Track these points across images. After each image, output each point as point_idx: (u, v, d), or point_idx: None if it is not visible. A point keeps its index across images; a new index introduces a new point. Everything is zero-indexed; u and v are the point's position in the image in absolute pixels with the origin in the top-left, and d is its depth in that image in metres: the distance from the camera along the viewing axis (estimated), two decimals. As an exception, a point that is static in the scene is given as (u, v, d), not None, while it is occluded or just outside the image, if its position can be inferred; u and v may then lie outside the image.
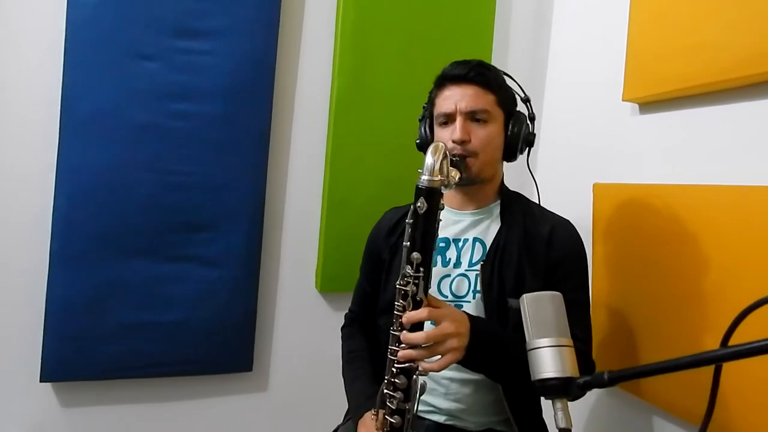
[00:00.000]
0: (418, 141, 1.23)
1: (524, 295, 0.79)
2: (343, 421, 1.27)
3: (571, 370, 0.72)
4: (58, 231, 1.38)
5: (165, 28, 1.42)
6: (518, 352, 0.79)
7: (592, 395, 1.46)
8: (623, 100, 1.40)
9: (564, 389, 0.71)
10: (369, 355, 1.23)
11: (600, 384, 0.67)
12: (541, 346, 0.74)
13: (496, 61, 1.63)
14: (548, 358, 0.73)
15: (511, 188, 1.24)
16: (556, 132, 1.64)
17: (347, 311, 1.37)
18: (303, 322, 1.68)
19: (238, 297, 1.55)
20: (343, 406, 1.29)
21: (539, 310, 0.77)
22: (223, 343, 1.55)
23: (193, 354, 1.52)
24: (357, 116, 1.63)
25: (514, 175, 1.29)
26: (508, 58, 1.83)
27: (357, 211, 1.62)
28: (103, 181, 1.40)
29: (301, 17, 1.63)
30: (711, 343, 1.09)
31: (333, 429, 1.26)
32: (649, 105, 1.38)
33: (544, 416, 1.17)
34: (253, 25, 1.51)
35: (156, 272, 1.46)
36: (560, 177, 1.58)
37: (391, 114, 1.65)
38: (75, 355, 1.40)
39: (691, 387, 1.10)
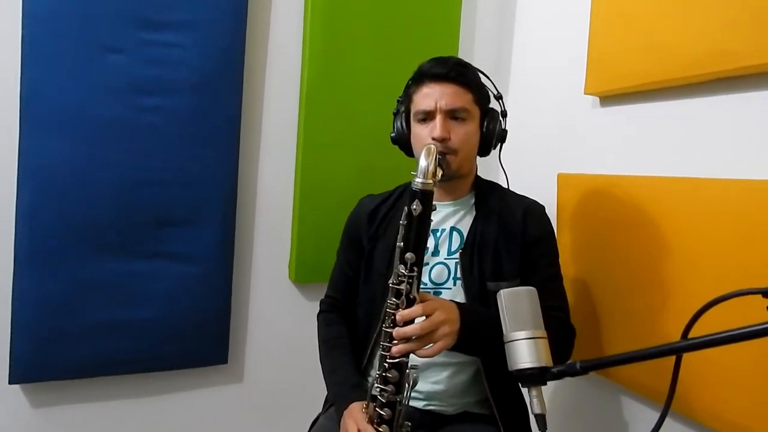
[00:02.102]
0: (393, 135, 1.24)
1: (501, 291, 0.83)
2: (324, 409, 1.29)
3: (545, 359, 0.78)
4: (22, 229, 1.34)
5: (129, 20, 1.38)
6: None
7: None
8: (585, 94, 1.47)
9: (540, 378, 0.77)
10: (350, 342, 1.24)
11: (573, 373, 0.73)
12: (518, 338, 0.79)
13: (462, 56, 1.66)
14: (525, 350, 0.79)
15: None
16: (521, 124, 1.69)
17: (324, 297, 1.35)
18: (277, 313, 1.69)
19: (212, 290, 1.55)
20: (319, 395, 1.30)
21: (516, 305, 0.82)
22: (198, 337, 1.55)
23: (167, 349, 1.51)
24: (327, 106, 1.63)
25: (481, 167, 1.33)
26: (474, 53, 1.86)
27: (329, 201, 1.64)
28: (70, 177, 1.36)
29: (269, 6, 1.60)
30: (669, 325, 1.18)
31: (313, 419, 1.27)
32: (609, 99, 1.44)
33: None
34: (220, 15, 1.48)
35: (127, 269, 1.44)
36: (525, 167, 1.64)
37: (362, 103, 1.66)
38: (45, 355, 1.37)
39: (655, 369, 1.17)
